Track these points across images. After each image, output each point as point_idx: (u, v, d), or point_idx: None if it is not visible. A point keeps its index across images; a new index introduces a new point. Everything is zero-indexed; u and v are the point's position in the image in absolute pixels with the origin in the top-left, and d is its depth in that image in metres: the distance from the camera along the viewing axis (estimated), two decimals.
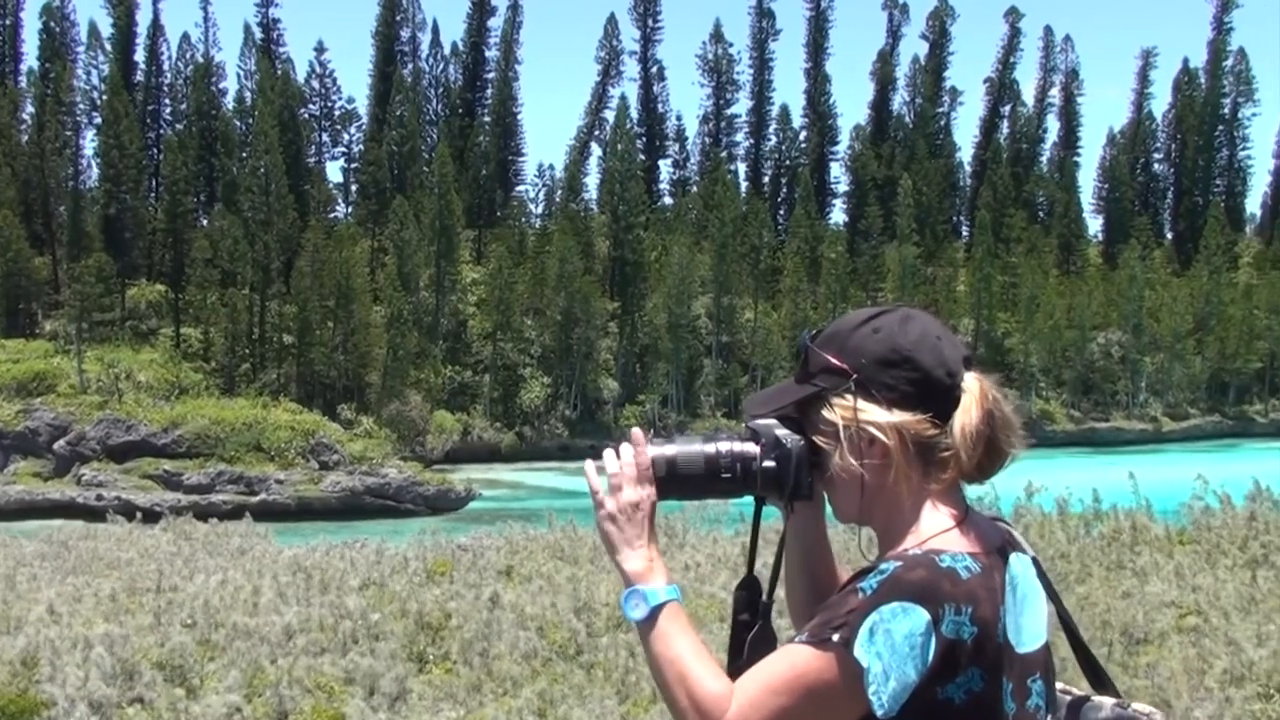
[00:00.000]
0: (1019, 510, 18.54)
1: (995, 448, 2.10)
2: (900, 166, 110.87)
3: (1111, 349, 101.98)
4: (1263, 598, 11.67)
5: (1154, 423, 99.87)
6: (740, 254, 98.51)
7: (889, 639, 1.90)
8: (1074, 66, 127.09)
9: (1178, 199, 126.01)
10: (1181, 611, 11.61)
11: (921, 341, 2.09)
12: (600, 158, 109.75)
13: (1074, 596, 12.42)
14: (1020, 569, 2.09)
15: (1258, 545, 14.46)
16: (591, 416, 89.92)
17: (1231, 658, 9.36)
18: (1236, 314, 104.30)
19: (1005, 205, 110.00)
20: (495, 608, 12.20)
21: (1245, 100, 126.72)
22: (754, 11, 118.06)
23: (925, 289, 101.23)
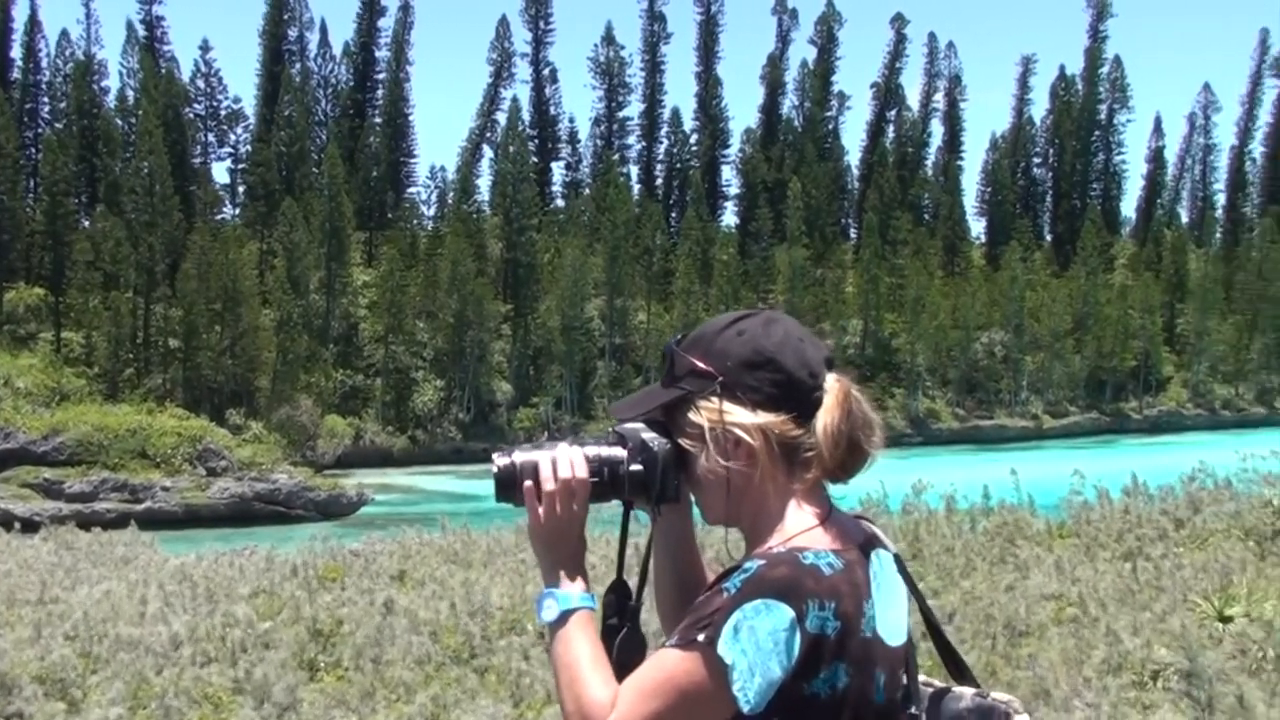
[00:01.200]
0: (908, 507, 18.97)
1: (856, 447, 2.14)
2: (790, 169, 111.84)
3: (994, 348, 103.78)
4: (1138, 589, 12.09)
5: (1035, 420, 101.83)
6: (633, 256, 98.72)
7: (753, 636, 1.93)
8: (957, 72, 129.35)
9: (1056, 202, 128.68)
10: (1061, 604, 11.94)
11: (784, 343, 2.16)
12: (492, 160, 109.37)
13: (959, 591, 12.76)
14: (884, 564, 2.15)
15: (1133, 538, 14.96)
16: (485, 419, 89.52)
17: (1109, 647, 9.65)
18: (1112, 314, 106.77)
19: (892, 208, 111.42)
20: (388, 613, 12.22)
21: (1120, 107, 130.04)
22: (645, 15, 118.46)
23: (815, 290, 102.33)
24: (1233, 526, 15.04)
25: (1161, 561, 13.12)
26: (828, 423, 2.12)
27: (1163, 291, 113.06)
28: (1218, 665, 8.25)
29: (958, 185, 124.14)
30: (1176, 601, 11.07)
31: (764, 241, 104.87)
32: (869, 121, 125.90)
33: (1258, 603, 10.47)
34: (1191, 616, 10.34)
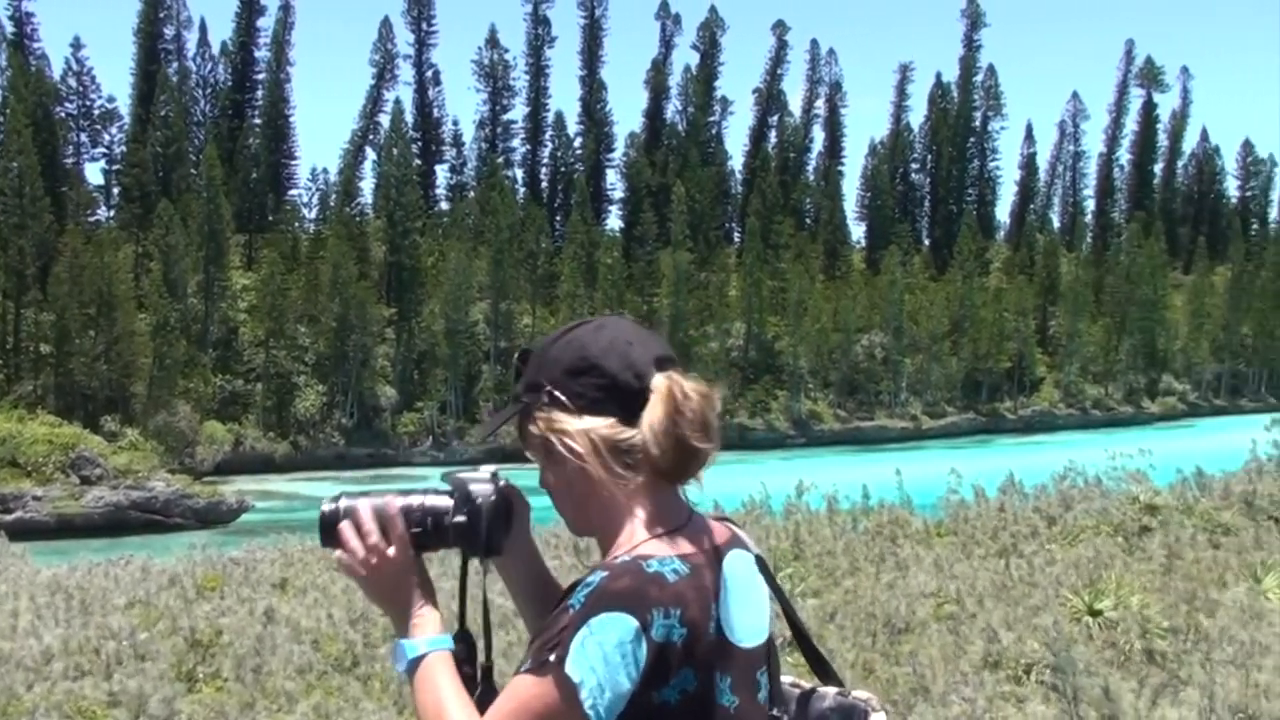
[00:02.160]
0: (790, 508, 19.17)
1: (684, 445, 2.10)
2: (674, 174, 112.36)
3: (874, 350, 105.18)
4: (1013, 585, 12.38)
5: (914, 421, 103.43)
6: (518, 260, 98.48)
7: (600, 650, 1.94)
8: (838, 79, 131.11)
9: (934, 207, 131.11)
10: (940, 600, 12.17)
11: (610, 348, 2.15)
12: (375, 162, 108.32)
13: (841, 590, 12.96)
14: (740, 566, 2.16)
15: (1008, 535, 15.30)
16: (369, 424, 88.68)
17: (985, 643, 9.87)
18: (988, 316, 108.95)
19: (774, 212, 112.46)
20: (269, 622, 12.07)
21: (994, 114, 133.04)
22: (529, 18, 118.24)
23: (699, 294, 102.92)
24: (1102, 523, 15.46)
25: (1034, 558, 13.45)
26: (651, 421, 2.10)
27: (1036, 294, 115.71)
28: (1087, 659, 8.50)
29: (838, 190, 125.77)
30: (1049, 597, 11.35)
31: (648, 245, 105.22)
32: (751, 127, 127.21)
33: (1125, 597, 10.77)
34: (1063, 611, 10.61)
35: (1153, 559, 12.90)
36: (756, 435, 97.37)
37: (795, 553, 15.17)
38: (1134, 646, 9.34)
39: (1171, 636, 9.49)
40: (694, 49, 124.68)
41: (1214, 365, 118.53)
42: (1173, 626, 9.69)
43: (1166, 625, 9.76)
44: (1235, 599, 9.79)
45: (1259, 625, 8.81)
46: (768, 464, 68.57)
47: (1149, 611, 10.03)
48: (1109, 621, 10.11)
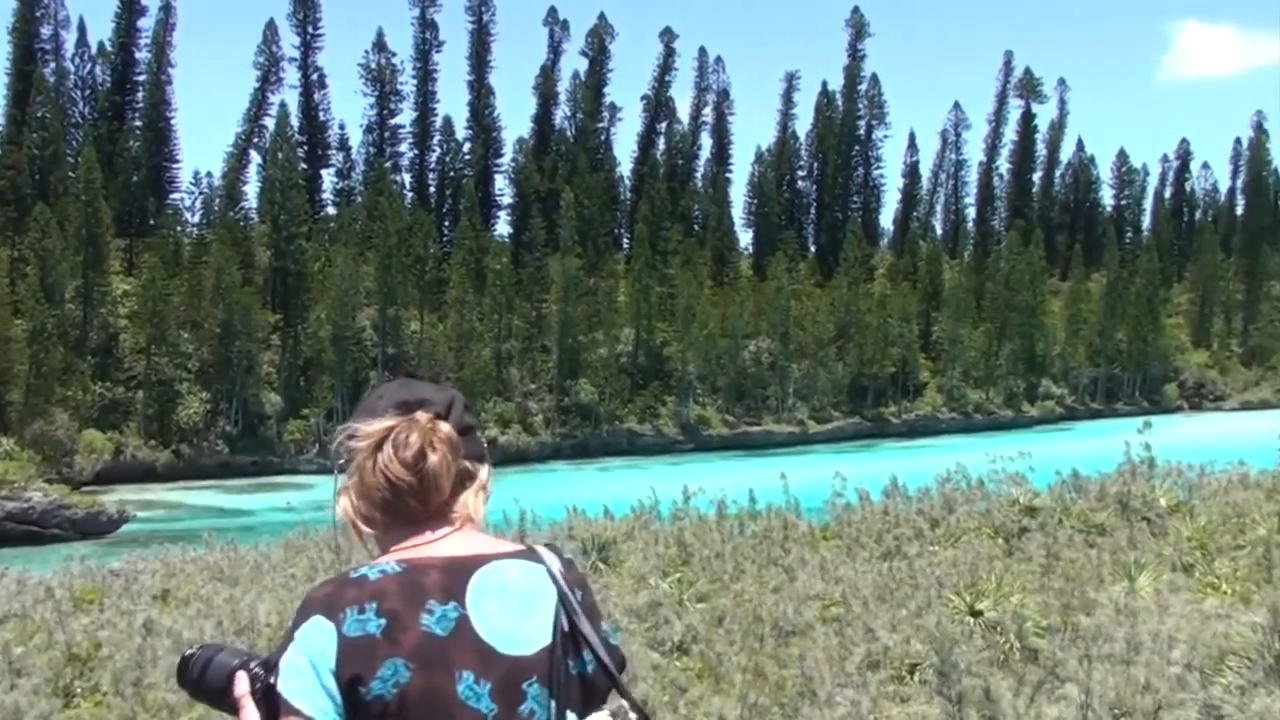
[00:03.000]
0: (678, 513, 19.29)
1: (388, 480, 2.19)
2: (563, 180, 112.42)
3: (762, 356, 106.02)
4: (897, 586, 12.58)
5: (801, 425, 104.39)
6: (405, 265, 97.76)
7: (303, 659, 2.03)
8: (725, 86, 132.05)
9: (820, 214, 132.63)
10: (826, 603, 12.33)
11: (360, 410, 2.32)
12: (260, 166, 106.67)
13: (729, 594, 13.07)
14: (508, 575, 2.18)
15: (892, 538, 15.56)
16: (254, 432, 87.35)
17: (869, 644, 10.04)
18: (873, 322, 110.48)
19: (662, 219, 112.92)
20: (149, 634, 11.85)
21: (878, 123, 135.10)
22: (417, 22, 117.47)
23: (587, 299, 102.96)
24: (983, 525, 15.79)
25: (918, 560, 13.69)
26: (364, 467, 2.23)
27: (919, 300, 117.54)
28: (968, 658, 8.67)
29: (726, 197, 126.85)
30: (932, 598, 11.56)
31: (537, 251, 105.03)
32: (640, 133, 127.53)
33: (1005, 597, 11.01)
34: (945, 612, 10.82)
35: (1032, 559, 13.20)
36: (645, 440, 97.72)
37: (683, 558, 15.27)
38: (1013, 645, 9.56)
39: (1050, 635, 9.72)
40: (583, 55, 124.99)
41: (1090, 369, 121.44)
42: (1051, 625, 9.93)
43: (1045, 624, 10.00)
44: (1111, 598, 10.06)
45: (1133, 623, 9.06)
46: (656, 469, 68.90)
47: (1028, 611, 10.26)
48: (989, 621, 10.33)
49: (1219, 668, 7.91)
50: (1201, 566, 12.52)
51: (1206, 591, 11.35)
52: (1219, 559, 12.69)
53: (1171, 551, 13.02)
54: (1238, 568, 12.06)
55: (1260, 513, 14.24)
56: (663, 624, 11.60)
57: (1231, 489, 16.96)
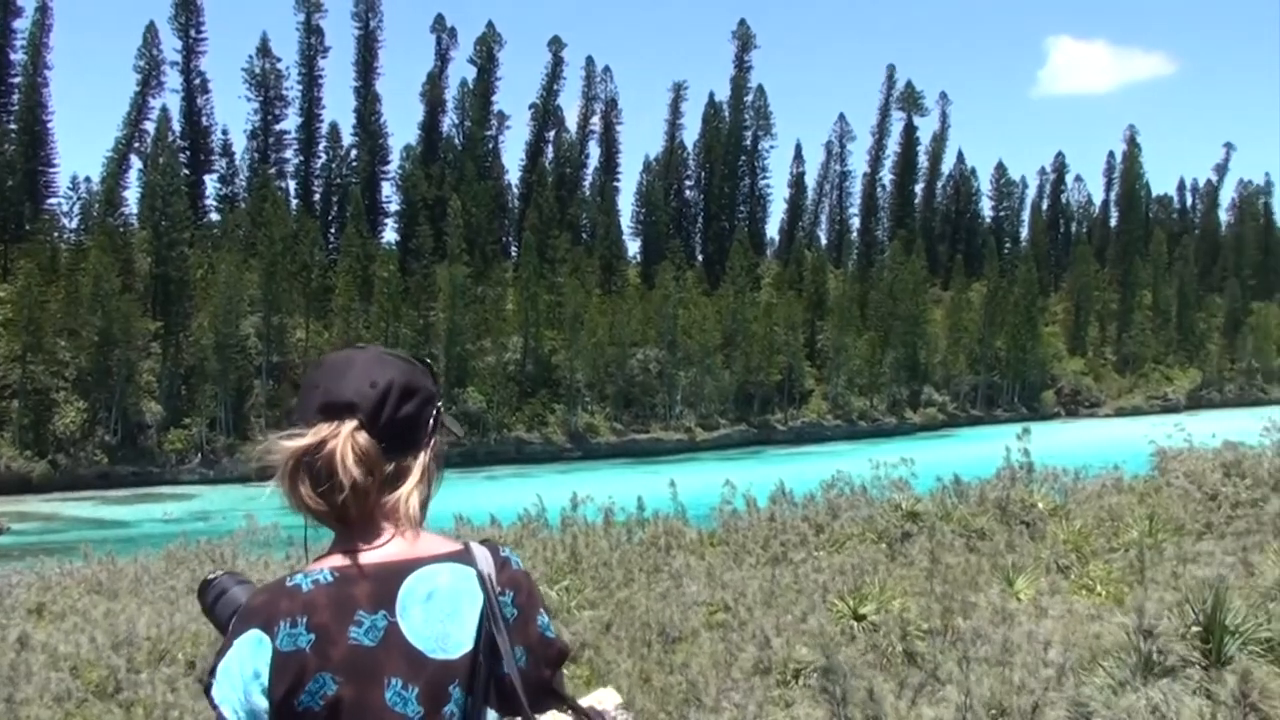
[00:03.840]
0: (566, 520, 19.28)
1: (295, 490, 2.20)
2: (450, 187, 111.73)
3: (650, 364, 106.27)
4: (782, 591, 12.71)
5: (689, 433, 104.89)
6: (291, 272, 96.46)
7: (236, 669, 2.06)
8: (613, 96, 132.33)
9: (707, 223, 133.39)
10: (713, 609, 12.43)
11: (297, 400, 2.34)
12: (141, 171, 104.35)
13: (615, 601, 13.11)
14: (436, 580, 2.19)
15: (778, 544, 15.70)
16: (134, 442, 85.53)
17: (755, 649, 10.13)
18: (759, 330, 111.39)
19: (550, 227, 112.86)
20: (24, 649, 11.60)
21: (765, 133, 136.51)
22: (302, 28, 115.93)
23: (475, 307, 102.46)
24: (867, 530, 16.03)
25: (803, 565, 13.85)
26: (282, 486, 2.23)
27: (804, 309, 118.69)
28: (852, 661, 8.81)
29: (614, 206, 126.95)
30: (816, 602, 11.71)
31: (425, 259, 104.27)
32: (528, 142, 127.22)
33: (888, 600, 11.19)
34: (829, 616, 10.97)
35: (914, 564, 13.43)
36: (534, 449, 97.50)
37: (572, 565, 15.28)
38: (896, 648, 9.73)
39: (931, 638, 9.90)
40: (471, 63, 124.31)
41: (971, 377, 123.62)
42: (932, 628, 10.12)
43: (926, 627, 10.18)
44: (989, 600, 10.27)
45: (1010, 625, 9.26)
46: (545, 477, 68.79)
47: (909, 614, 10.45)
48: (873, 625, 10.50)
49: (1092, 667, 8.13)
50: (1077, 569, 12.84)
51: (1081, 593, 11.64)
52: (1094, 561, 13.02)
53: (1048, 555, 13.33)
54: (1111, 570, 12.38)
55: (1133, 516, 14.63)
56: None
57: (1106, 493, 17.37)
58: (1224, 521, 13.72)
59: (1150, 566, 11.60)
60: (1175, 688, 7.20)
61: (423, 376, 2.36)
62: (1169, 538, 13.13)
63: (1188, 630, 8.17)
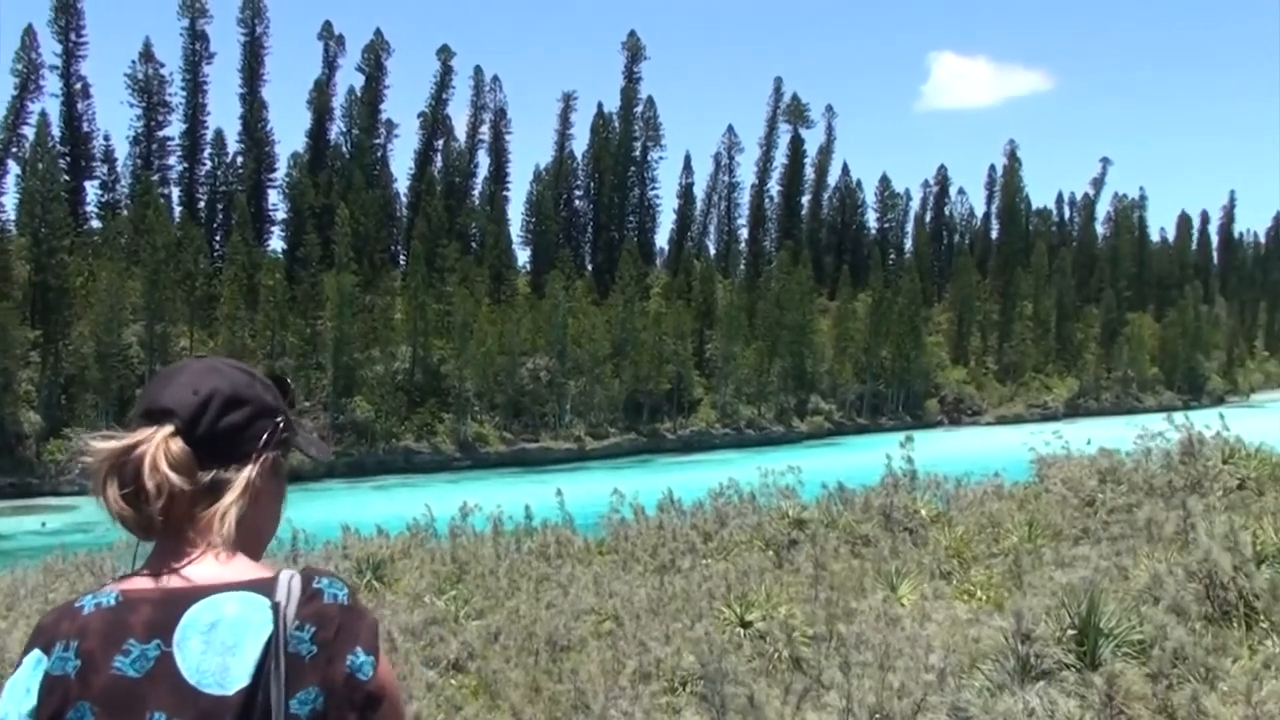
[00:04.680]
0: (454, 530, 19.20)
1: (112, 512, 2.13)
2: (338, 195, 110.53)
3: (539, 373, 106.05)
4: (669, 599, 12.79)
5: (578, 442, 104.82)
6: (174, 280, 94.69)
7: (15, 687, 2.01)
8: (503, 105, 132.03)
9: (597, 233, 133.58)
10: (600, 617, 12.47)
11: None
12: (19, 176, 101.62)
13: (504, 610, 13.10)
14: (233, 610, 2.06)
15: (666, 552, 15.80)
16: (11, 452, 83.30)
17: (641, 657, 10.20)
18: (648, 340, 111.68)
19: (439, 236, 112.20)
20: None
21: (654, 144, 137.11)
22: (186, 33, 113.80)
23: (363, 316, 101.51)
24: (755, 537, 16.19)
25: (691, 573, 13.96)
26: (95, 492, 2.15)
27: (693, 319, 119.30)
28: (737, 668, 8.91)
29: (504, 215, 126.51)
30: (703, 610, 11.81)
31: (312, 267, 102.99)
32: (417, 150, 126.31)
33: (774, 607, 11.33)
34: (716, 623, 11.07)
35: (800, 570, 13.60)
36: (422, 458, 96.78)
37: (459, 575, 15.25)
38: (781, 655, 9.85)
39: (816, 644, 10.04)
40: (359, 71, 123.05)
41: (857, 386, 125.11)
42: (817, 634, 10.26)
43: (811, 633, 10.33)
44: (873, 606, 10.46)
45: (893, 629, 9.44)
46: (434, 487, 68.32)
47: (795, 621, 10.60)
48: (758, 632, 10.63)
49: (971, 671, 8.32)
50: (959, 574, 13.10)
51: (963, 598, 11.88)
52: (975, 567, 13.30)
53: (931, 560, 13.57)
54: (992, 575, 12.65)
55: (1012, 522, 14.95)
56: (438, 642, 11.58)
57: (987, 500, 17.72)
58: (1100, 527, 14.06)
59: (1029, 571, 11.88)
60: (1051, 690, 7.40)
61: (262, 390, 2.30)
62: (1047, 543, 13.45)
63: (1064, 634, 8.39)
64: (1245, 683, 6.62)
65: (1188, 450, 15.89)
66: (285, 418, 2.35)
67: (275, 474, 2.30)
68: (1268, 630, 8.12)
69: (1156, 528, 12.12)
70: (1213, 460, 15.56)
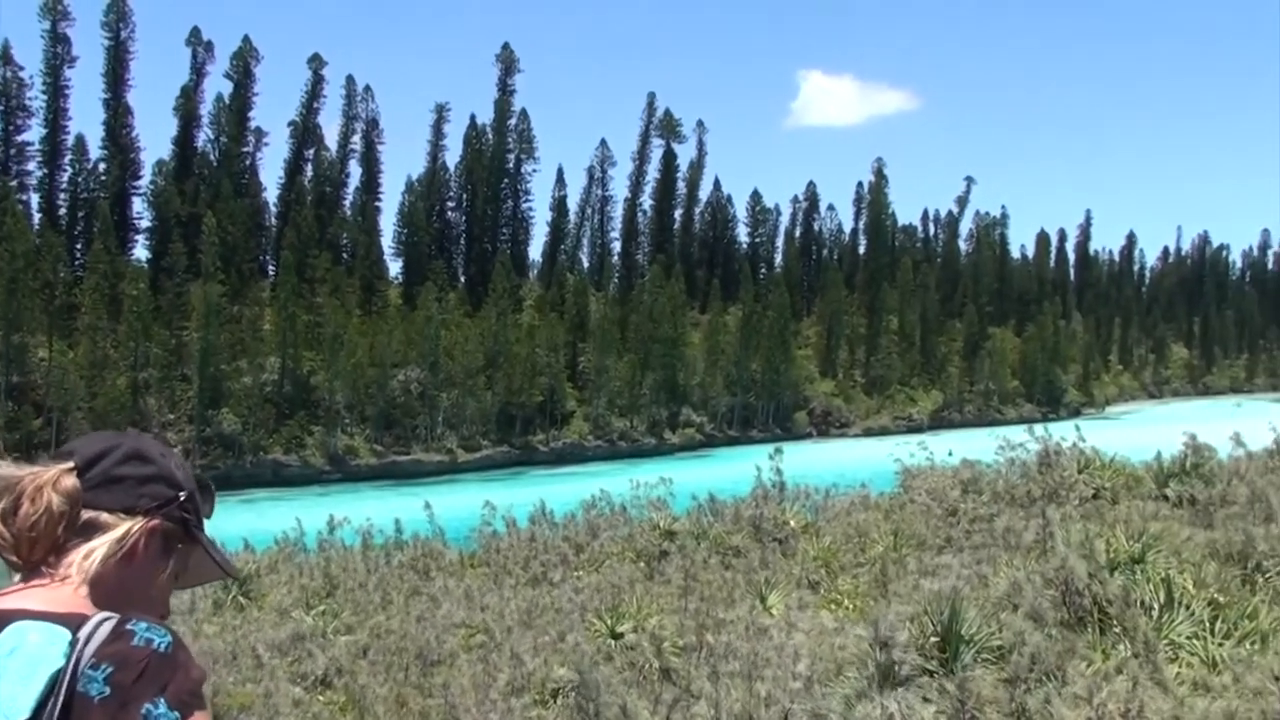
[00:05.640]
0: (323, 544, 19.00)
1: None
2: (205, 204, 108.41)
3: (411, 385, 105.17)
4: (540, 611, 12.82)
5: (450, 454, 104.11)
6: (33, 289, 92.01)
7: None
8: (374, 115, 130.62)
9: (470, 245, 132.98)
10: (471, 631, 12.45)
11: None
12: None
13: (372, 625, 13.01)
14: (34, 639, 2.02)
15: (538, 564, 15.82)
16: None
17: (513, 669, 10.21)
18: (521, 352, 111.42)
19: (309, 246, 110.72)
20: None
21: (527, 157, 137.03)
22: (47, 36, 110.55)
23: (231, 327, 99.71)
24: (626, 549, 16.29)
25: (562, 585, 14.00)
26: None
27: (566, 331, 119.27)
28: (608, 679, 8.97)
29: (375, 226, 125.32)
30: (575, 622, 11.86)
31: (178, 277, 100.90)
32: (287, 159, 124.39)
33: (645, 618, 11.42)
34: (587, 635, 11.13)
35: (671, 581, 13.72)
36: (291, 471, 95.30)
37: (329, 589, 15.10)
38: (652, 665, 9.94)
39: (686, 654, 10.15)
40: (227, 78, 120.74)
41: (728, 398, 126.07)
42: (687, 645, 10.37)
43: (681, 644, 10.43)
44: (741, 616, 10.60)
45: (761, 639, 9.58)
46: (303, 500, 67.26)
47: (665, 632, 10.69)
48: (629, 643, 10.71)
49: (837, 679, 8.49)
50: (826, 584, 13.33)
51: (830, 607, 12.09)
52: (842, 576, 13.54)
53: (800, 570, 13.79)
54: (858, 584, 12.90)
55: (879, 532, 15.26)
56: (305, 657, 11.46)
57: (854, 510, 18.06)
58: (963, 536, 14.41)
59: (894, 580, 12.14)
60: (909, 696, 7.59)
61: (175, 466, 2.32)
62: (912, 552, 13.76)
63: (927, 641, 8.61)
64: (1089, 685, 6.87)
65: (1046, 461, 16.38)
66: (192, 499, 2.34)
67: (165, 548, 2.29)
68: (1119, 635, 8.41)
69: (1016, 536, 12.47)
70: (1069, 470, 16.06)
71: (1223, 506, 13.09)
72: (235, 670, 10.86)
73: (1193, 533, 11.59)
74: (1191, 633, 8.58)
